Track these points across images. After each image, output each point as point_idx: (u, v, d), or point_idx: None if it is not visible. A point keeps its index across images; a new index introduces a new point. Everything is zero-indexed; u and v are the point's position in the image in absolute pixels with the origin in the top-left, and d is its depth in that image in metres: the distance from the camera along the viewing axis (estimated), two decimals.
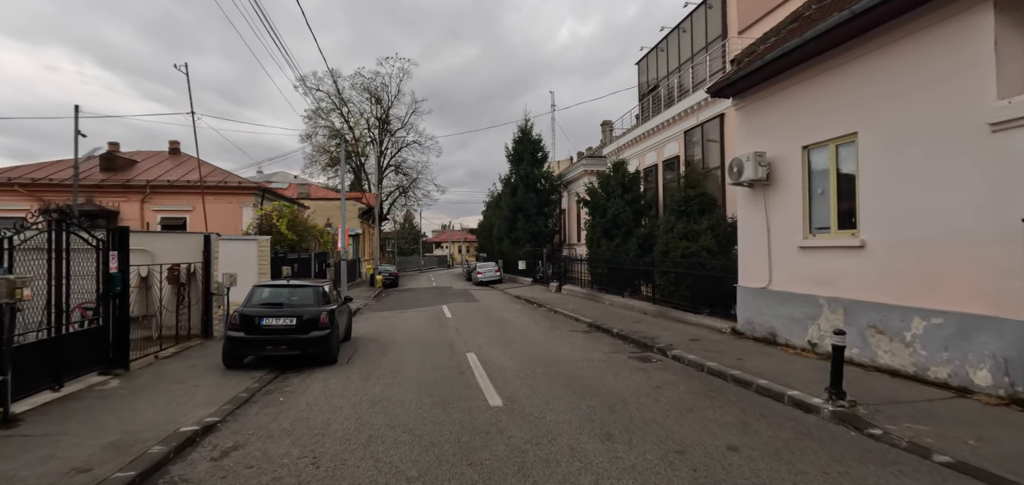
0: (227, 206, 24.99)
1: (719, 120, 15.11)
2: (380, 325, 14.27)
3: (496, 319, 14.91)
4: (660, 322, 12.33)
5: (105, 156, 25.59)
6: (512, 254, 34.74)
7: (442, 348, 10.21)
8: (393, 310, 18.51)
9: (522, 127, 35.24)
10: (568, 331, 12.24)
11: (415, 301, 22.05)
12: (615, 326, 11.94)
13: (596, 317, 13.78)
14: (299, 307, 8.82)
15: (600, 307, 16.38)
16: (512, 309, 17.75)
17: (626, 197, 18.23)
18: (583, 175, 30.81)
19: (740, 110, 10.02)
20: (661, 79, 21.07)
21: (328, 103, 47.33)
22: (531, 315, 15.77)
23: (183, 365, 8.64)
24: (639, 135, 21.02)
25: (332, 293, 10.73)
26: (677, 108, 17.41)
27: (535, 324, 13.65)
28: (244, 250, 15.34)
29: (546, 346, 10.18)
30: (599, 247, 18.74)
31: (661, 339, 9.93)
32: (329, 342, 8.72)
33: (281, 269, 16.92)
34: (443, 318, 15.47)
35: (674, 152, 18.05)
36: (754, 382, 6.54)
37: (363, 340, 11.56)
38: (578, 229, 32.37)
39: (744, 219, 9.93)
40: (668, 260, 13.35)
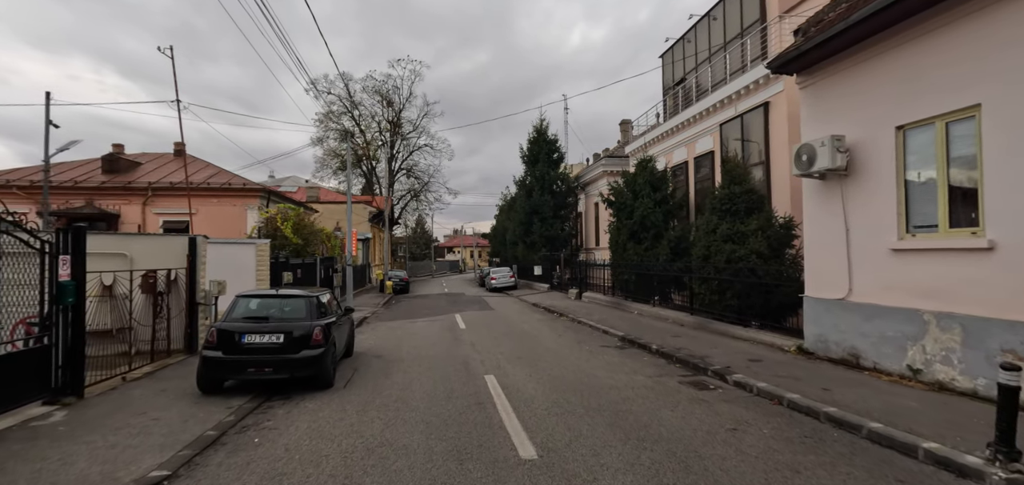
0: (231, 209, 24.01)
1: (763, 109, 13.55)
2: (387, 337, 12.92)
3: (515, 331, 13.46)
4: (704, 336, 10.78)
5: (107, 158, 24.74)
6: (527, 259, 33.30)
7: (456, 368, 8.79)
8: (402, 319, 17.17)
9: (537, 127, 33.93)
10: (599, 346, 10.75)
11: (426, 309, 20.71)
12: (652, 341, 10.43)
13: (627, 329, 12.27)
14: (288, 321, 7.48)
15: (629, 317, 14.85)
16: (531, 319, 16.29)
17: (655, 196, 16.70)
18: (602, 176, 29.32)
19: (807, 88, 8.49)
20: (689, 72, 19.55)
21: (339, 106, 46.49)
22: (553, 326, 14.30)
23: (152, 390, 7.33)
24: (666, 131, 19.48)
25: (332, 304, 9.40)
26: (712, 99, 15.87)
27: (559, 337, 12.18)
28: (241, 254, 14.12)
29: (578, 366, 8.71)
30: (625, 251, 17.22)
31: (713, 358, 8.41)
32: (323, 363, 7.36)
33: (282, 275, 15.69)
34: (456, 329, 14.07)
35: (707, 147, 16.50)
36: (863, 425, 5.01)
37: (366, 357, 10.20)
38: (596, 232, 30.86)
39: (814, 217, 8.38)
40: (709, 265, 11.81)
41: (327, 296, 9.29)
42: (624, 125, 34.51)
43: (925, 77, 6.42)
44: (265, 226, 21.40)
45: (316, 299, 7.96)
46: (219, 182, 24.22)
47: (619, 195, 17.59)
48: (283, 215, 21.60)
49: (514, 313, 18.17)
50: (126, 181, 23.36)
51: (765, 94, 13.44)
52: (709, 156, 16.47)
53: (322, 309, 8.15)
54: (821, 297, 8.16)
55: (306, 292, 8.07)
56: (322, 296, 8.92)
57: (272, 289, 7.82)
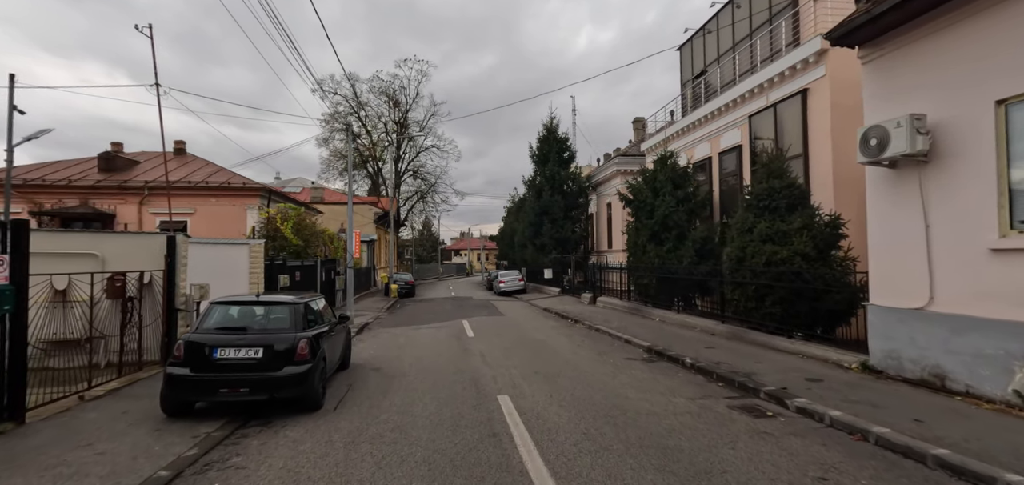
0: (231, 208, 23.13)
1: (799, 98, 12.35)
2: (388, 346, 11.84)
3: (528, 339, 12.33)
4: (742, 349, 9.59)
5: (103, 156, 23.94)
6: (536, 262, 32.17)
7: (464, 385, 7.68)
8: (406, 325, 16.10)
9: (547, 125, 32.84)
10: (623, 359, 9.60)
11: (432, 314, 19.63)
12: (684, 353, 9.26)
13: (652, 339, 11.10)
14: (270, 332, 6.41)
15: (651, 325, 13.66)
16: (544, 326, 15.15)
17: (677, 194, 15.52)
18: (615, 175, 28.16)
19: (874, 61, 7.31)
20: (710, 64, 18.37)
21: (345, 107, 45.74)
22: (569, 334, 13.14)
23: (110, 412, 6.29)
24: (687, 126, 18.30)
25: (327, 311, 8.35)
26: (739, 89, 14.67)
27: (578, 347, 11.03)
28: (232, 256, 13.13)
29: (604, 384, 7.57)
30: (644, 253, 16.04)
31: (762, 376, 7.24)
32: (309, 381, 6.28)
33: (278, 278, 14.70)
34: (464, 337, 12.96)
35: (734, 141, 15.31)
36: (998, 477, 3.84)
37: (364, 369, 9.12)
38: (609, 234, 29.67)
39: (882, 212, 7.19)
40: (744, 268, 10.62)
41: (320, 302, 8.24)
42: (637, 123, 33.32)
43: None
44: (265, 226, 20.45)
45: (303, 306, 6.88)
46: (218, 181, 23.35)
47: (638, 193, 16.42)
48: (283, 215, 20.64)
49: (525, 319, 17.04)
50: (122, 180, 22.54)
51: (802, 81, 12.24)
52: (736, 151, 15.27)
53: (310, 318, 7.08)
54: (892, 306, 6.97)
55: (292, 298, 7.00)
56: (315, 302, 7.86)
57: (252, 294, 6.78)
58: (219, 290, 12.18)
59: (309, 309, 7.17)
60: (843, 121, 11.36)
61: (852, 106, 11.42)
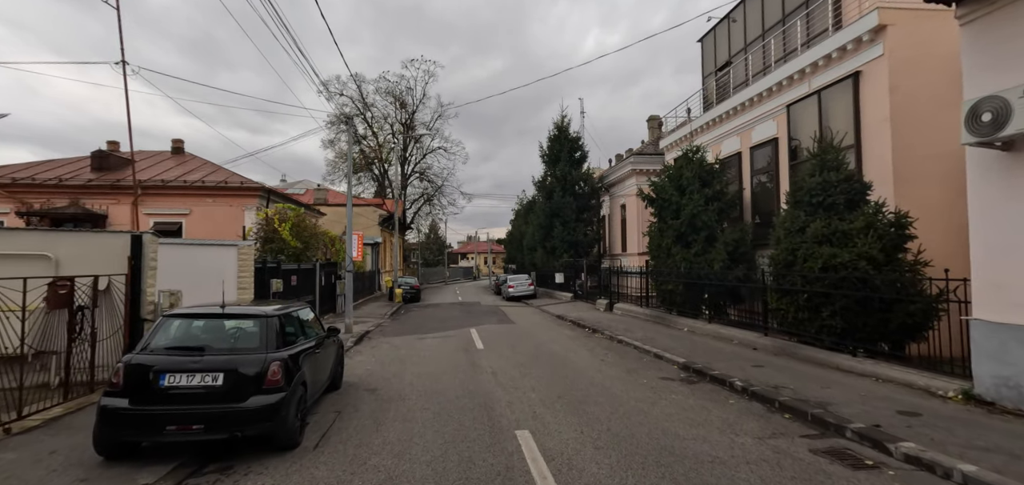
0: (228, 209, 22.03)
1: (850, 82, 10.97)
2: (388, 360, 10.57)
3: (544, 352, 11.02)
4: (798, 368, 8.22)
5: (97, 154, 22.93)
6: (547, 265, 30.86)
7: (474, 414, 6.38)
8: (409, 334, 14.84)
9: (558, 124, 31.60)
10: (657, 378, 8.26)
11: (437, 321, 18.36)
12: (729, 372, 7.92)
13: (686, 353, 9.76)
14: (234, 353, 5.16)
15: (679, 336, 12.30)
16: (560, 336, 13.82)
17: (705, 192, 14.17)
18: (630, 175, 26.83)
19: (978, 20, 5.95)
20: (736, 53, 17.04)
21: (351, 108, 44.83)
22: (589, 347, 11.81)
23: (34, 451, 5.05)
24: (712, 119, 16.94)
25: (315, 324, 7.12)
26: (776, 76, 13.31)
27: (602, 363, 9.70)
28: (217, 258, 11.95)
29: (642, 414, 6.24)
30: (669, 256, 14.69)
31: (839, 407, 5.89)
32: (281, 415, 5.01)
33: (270, 283, 13.49)
34: (472, 349, 11.67)
35: (769, 134, 13.93)
36: None
37: (357, 390, 7.86)
38: (623, 237, 28.32)
39: (991, 204, 5.83)
40: (794, 273, 9.27)
41: (305, 312, 7.00)
42: (652, 121, 31.98)
43: None
44: (263, 227, 19.30)
45: (278, 319, 5.61)
46: (215, 180, 22.28)
47: (662, 191, 15.08)
48: (281, 216, 19.46)
49: (539, 328, 15.72)
50: (114, 179, 21.52)
51: (854, 63, 10.87)
52: (770, 144, 13.90)
53: (289, 332, 5.82)
54: (1007, 321, 5.60)
55: (265, 309, 5.72)
56: (299, 312, 6.62)
57: (216, 305, 5.54)
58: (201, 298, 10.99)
59: (287, 322, 5.91)
60: (905, 106, 9.99)
61: (916, 89, 10.06)
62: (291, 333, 5.97)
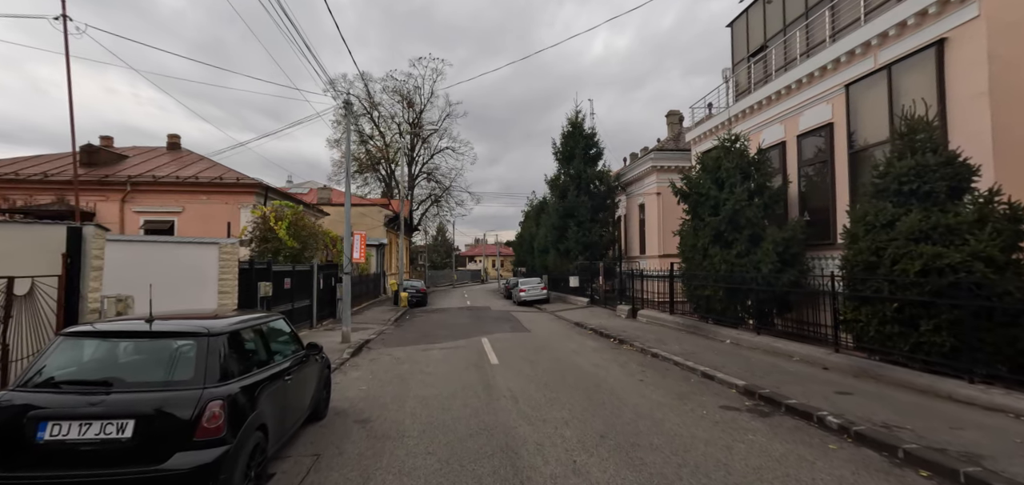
0: (223, 206, 20.72)
1: (934, 51, 9.28)
2: (387, 378, 9.01)
3: (570, 369, 9.41)
4: (896, 397, 6.56)
5: (86, 149, 21.64)
6: (559, 268, 29.25)
7: (495, 466, 4.79)
8: (413, 344, 13.29)
9: (572, 120, 30.01)
10: (716, 407, 6.63)
11: (445, 329, 16.81)
12: (811, 402, 6.28)
13: (741, 373, 8.11)
14: (153, 389, 3.61)
15: (723, 350, 10.64)
16: (583, 347, 12.20)
17: (748, 186, 12.51)
18: (650, 173, 25.18)
19: None
20: (773, 36, 15.42)
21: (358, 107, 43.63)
22: (622, 362, 10.18)
23: None
24: (750, 106, 15.28)
25: (291, 340, 5.60)
26: (832, 52, 11.64)
27: (643, 384, 8.07)
28: (195, 258, 10.49)
29: (722, 469, 4.63)
30: (706, 258, 13.02)
31: (996, 460, 4.25)
32: (221, 481, 3.47)
33: (258, 286, 12.01)
34: (485, 364, 10.09)
35: (822, 118, 12.25)
36: None
37: (345, 420, 6.31)
38: (641, 238, 26.66)
39: None
40: (878, 278, 7.60)
41: (277, 324, 5.46)
42: (672, 117, 30.30)
43: None
44: (258, 226, 17.88)
45: (228, 337, 4.05)
46: (209, 177, 20.96)
47: (698, 186, 13.41)
48: (277, 213, 18.02)
49: (558, 338, 14.10)
50: (102, 175, 20.25)
51: (938, 28, 9.18)
52: (824, 131, 12.21)
53: (246, 354, 4.28)
54: None
55: (207, 323, 4.11)
56: (267, 323, 5.09)
57: (139, 319, 4.02)
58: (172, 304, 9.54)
59: (244, 340, 4.36)
60: (1005, 78, 8.31)
61: (1018, 58, 8.40)
62: (251, 354, 4.43)
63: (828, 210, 11.99)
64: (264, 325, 5.00)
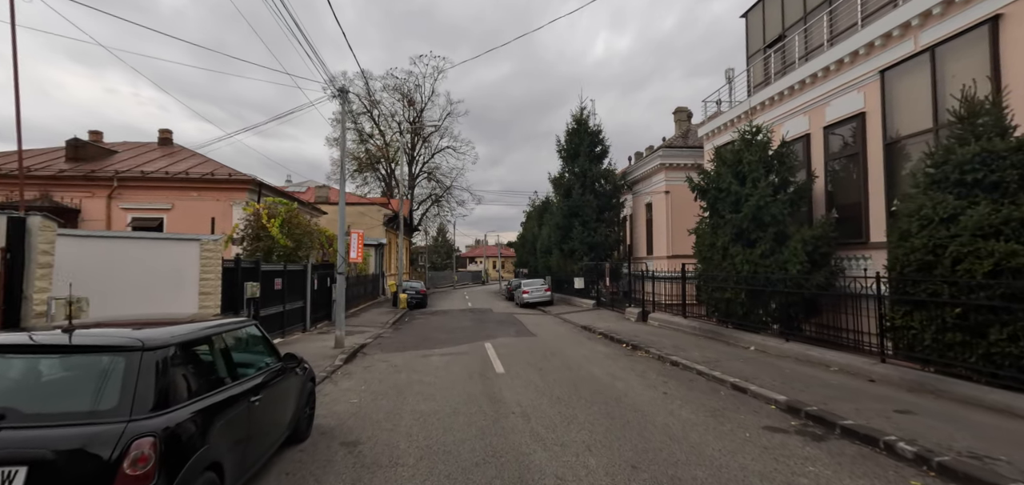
0: (214, 204, 19.89)
1: (987, 29, 8.40)
2: (382, 390, 8.13)
3: (584, 380, 8.52)
4: (968, 416, 5.67)
5: (72, 143, 20.79)
6: (564, 269, 28.37)
7: None
8: (412, 349, 12.41)
9: (577, 117, 29.18)
10: (759, 428, 5.75)
11: (446, 332, 15.93)
12: (874, 424, 5.39)
13: (778, 386, 7.23)
14: (60, 424, 2.73)
15: (750, 358, 9.75)
16: (595, 354, 11.31)
17: (772, 181, 11.63)
18: (659, 171, 24.33)
19: None
20: (792, 24, 14.61)
21: (358, 106, 42.83)
22: (640, 371, 9.29)
23: None
24: (770, 97, 14.41)
25: (262, 352, 4.72)
26: (865, 36, 10.77)
27: (668, 399, 7.18)
28: (174, 256, 9.62)
29: None
30: (726, 258, 12.14)
31: None
32: None
33: (245, 287, 11.14)
34: (490, 372, 9.21)
35: (852, 108, 11.37)
36: None
37: (330, 442, 5.44)
38: (648, 238, 25.79)
39: None
40: (935, 278, 6.72)
41: (248, 332, 4.59)
42: (680, 114, 29.46)
43: None
44: (250, 223, 17.01)
45: (173, 350, 3.16)
46: (200, 172, 20.11)
47: (717, 181, 12.53)
48: (270, 211, 17.14)
49: (566, 343, 13.21)
50: (88, 170, 19.39)
51: (991, 4, 8.31)
52: (855, 121, 11.33)
53: (200, 372, 3.41)
54: None
55: (152, 334, 3.25)
56: (231, 332, 4.21)
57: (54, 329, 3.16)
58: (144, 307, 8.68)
59: (187, 356, 3.45)
60: None
61: None
62: (206, 372, 3.55)
63: (859, 206, 11.11)
64: (228, 333, 4.13)
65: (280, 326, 13.91)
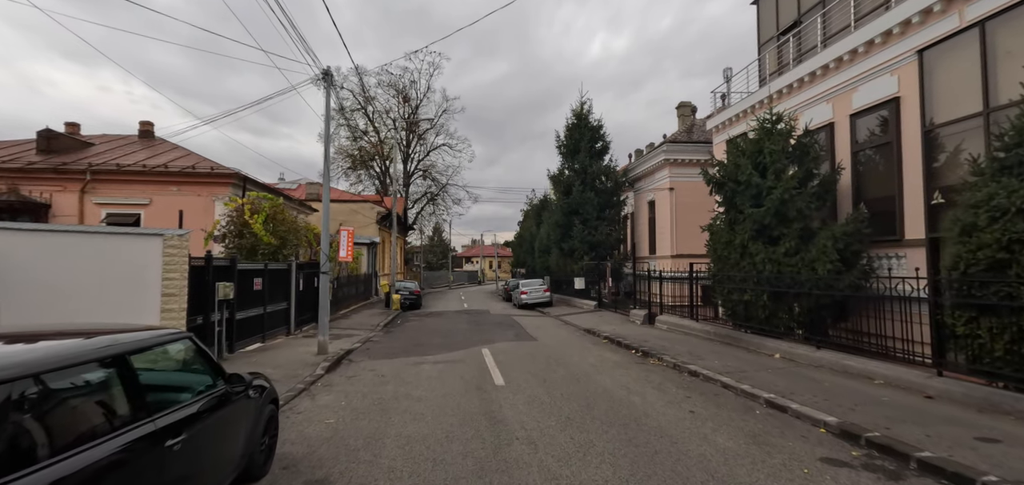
0: (196, 199, 18.79)
1: None
2: (364, 407, 7.08)
3: (596, 394, 7.50)
4: None
5: (44, 135, 19.59)
6: (563, 269, 27.38)
7: None
8: (403, 355, 11.36)
9: (577, 111, 28.21)
10: (816, 460, 4.75)
11: (440, 336, 14.89)
12: (965, 460, 4.41)
13: (820, 403, 6.23)
14: None
15: (777, 367, 8.77)
16: (603, 362, 10.30)
17: (797, 171, 10.65)
18: (662, 167, 23.38)
19: None
20: (809, 9, 13.69)
21: (352, 102, 41.74)
22: (657, 383, 8.27)
23: None
24: (790, 84, 13.44)
25: (201, 373, 3.68)
26: (902, 12, 9.80)
27: (696, 420, 6.17)
28: (133, 253, 8.54)
29: None
30: (745, 256, 11.16)
31: None
32: None
33: (216, 288, 10.05)
34: (488, 385, 8.17)
35: (884, 92, 10.40)
36: None
37: (291, 480, 4.40)
38: (651, 237, 24.83)
39: None
40: (1012, 279, 5.74)
41: (174, 351, 3.54)
42: (683, 109, 28.49)
43: None
44: (232, 219, 15.93)
45: (10, 394, 2.13)
46: (181, 166, 18.99)
47: (734, 173, 11.53)
48: (253, 206, 16.05)
49: (570, 348, 12.19)
50: (59, 162, 18.22)
51: None
52: (888, 106, 10.37)
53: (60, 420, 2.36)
54: None
55: None
56: (155, 343, 3.17)
57: None
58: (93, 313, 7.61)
59: (50, 395, 2.40)
60: None
61: None
62: (93, 411, 2.51)
63: (893, 200, 10.15)
64: (140, 353, 3.07)
65: (260, 330, 12.84)
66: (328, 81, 10.77)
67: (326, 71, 10.98)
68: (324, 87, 10.81)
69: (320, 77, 11.08)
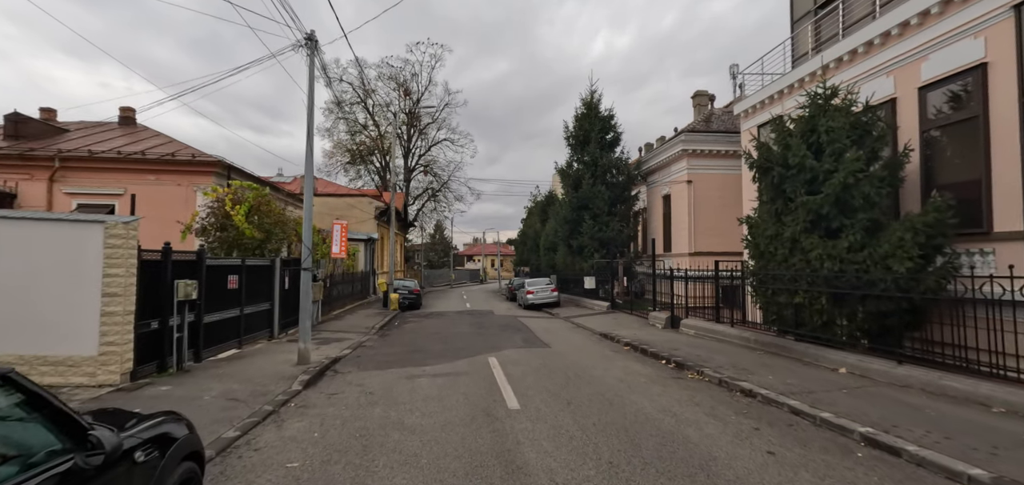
0: (176, 188, 17.36)
1: None
2: (339, 440, 5.51)
3: (641, 428, 5.91)
4: None
5: (12, 119, 18.04)
6: (571, 267, 25.81)
7: None
8: (397, 366, 9.78)
9: (586, 101, 26.64)
10: None
11: (440, 341, 13.31)
12: None
13: (940, 441, 4.66)
14: None
15: (844, 383, 7.17)
16: (633, 376, 8.70)
17: (859, 155, 9.02)
18: (680, 158, 21.77)
19: None
20: None
21: (351, 95, 40.29)
22: (710, 408, 6.68)
23: None
24: (841, 56, 11.82)
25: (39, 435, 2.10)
26: None
27: (787, 469, 4.59)
28: (65, 244, 6.98)
29: None
30: (795, 251, 9.55)
31: None
32: None
33: (176, 287, 8.48)
34: (499, 409, 6.59)
35: (967, 59, 8.77)
36: None
37: None
38: (666, 233, 23.25)
39: None
40: None
41: None
42: (699, 97, 26.96)
43: None
44: (214, 211, 14.42)
45: None
46: (159, 153, 17.50)
47: (783, 156, 9.89)
48: (236, 196, 14.50)
49: (590, 357, 10.60)
50: (26, 148, 16.71)
51: None
52: (971, 75, 8.74)
53: None
54: None
55: None
56: None
57: None
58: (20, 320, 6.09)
59: None
60: None
61: None
62: None
63: (977, 186, 8.55)
64: None
65: (236, 335, 11.30)
66: (311, 45, 9.20)
67: (310, 35, 9.41)
68: (307, 53, 9.24)
69: (302, 43, 9.52)
